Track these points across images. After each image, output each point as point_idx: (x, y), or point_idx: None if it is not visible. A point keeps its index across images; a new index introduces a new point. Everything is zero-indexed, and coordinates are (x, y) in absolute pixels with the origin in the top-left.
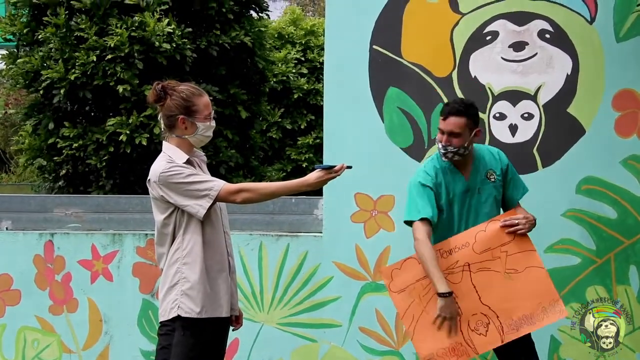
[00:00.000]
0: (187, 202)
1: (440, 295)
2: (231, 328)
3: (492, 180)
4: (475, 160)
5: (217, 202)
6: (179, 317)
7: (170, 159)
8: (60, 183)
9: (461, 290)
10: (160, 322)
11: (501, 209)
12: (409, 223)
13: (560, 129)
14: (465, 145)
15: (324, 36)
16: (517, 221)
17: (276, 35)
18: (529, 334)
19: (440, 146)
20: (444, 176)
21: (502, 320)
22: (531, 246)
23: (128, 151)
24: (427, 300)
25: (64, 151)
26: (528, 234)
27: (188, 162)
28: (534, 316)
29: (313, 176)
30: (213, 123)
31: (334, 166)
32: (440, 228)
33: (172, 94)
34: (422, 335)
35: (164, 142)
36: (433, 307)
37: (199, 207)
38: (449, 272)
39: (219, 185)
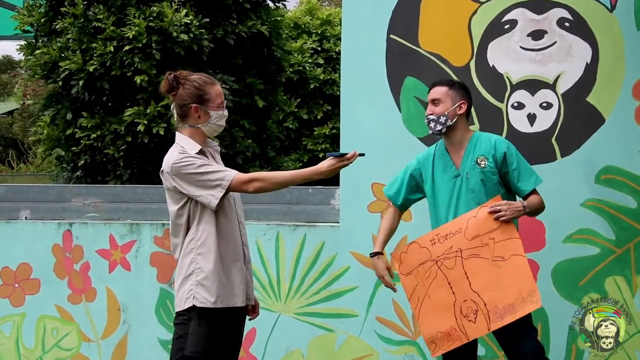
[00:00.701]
0: (200, 193)
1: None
2: (247, 317)
3: (482, 166)
4: (469, 145)
5: (231, 192)
6: (194, 307)
7: (182, 149)
8: (78, 173)
9: (455, 276)
10: (176, 312)
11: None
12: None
13: (580, 118)
14: (447, 114)
15: (340, 26)
16: (499, 207)
17: (292, 25)
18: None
19: (425, 119)
20: (436, 161)
21: (489, 308)
22: (515, 234)
23: (146, 141)
24: (429, 283)
25: (82, 141)
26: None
27: (201, 152)
28: (515, 306)
29: (325, 164)
30: (226, 112)
31: (346, 154)
32: (432, 213)
33: (185, 83)
34: (425, 318)
35: (176, 132)
36: (433, 291)
37: (212, 197)
38: (444, 257)
39: (231, 174)
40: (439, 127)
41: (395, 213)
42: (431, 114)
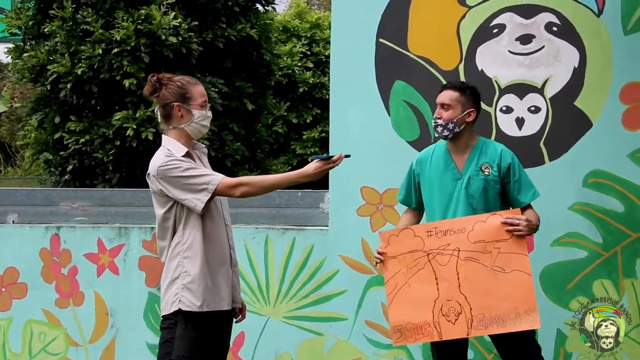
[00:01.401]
0: (186, 196)
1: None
2: (234, 320)
3: (486, 173)
4: (474, 150)
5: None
6: (180, 310)
7: (169, 152)
8: (66, 177)
9: (444, 274)
10: (162, 316)
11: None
12: None
13: (567, 122)
14: (455, 121)
15: (329, 29)
16: (518, 221)
17: (281, 29)
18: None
19: (433, 121)
20: (434, 160)
21: (474, 314)
22: (525, 251)
23: (134, 145)
24: (413, 273)
25: (70, 145)
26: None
27: (187, 155)
28: (506, 319)
29: (312, 167)
30: (209, 113)
31: (332, 156)
32: (427, 211)
33: (168, 84)
34: (398, 305)
35: (163, 135)
36: (416, 281)
37: (197, 201)
38: (438, 252)
39: (217, 179)
40: (445, 133)
41: (412, 213)
42: (439, 118)
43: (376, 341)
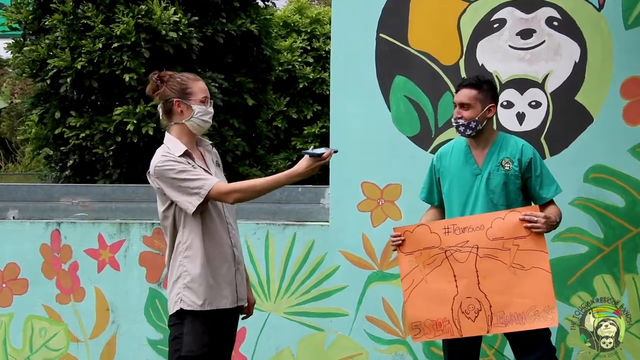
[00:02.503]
0: (178, 198)
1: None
2: (240, 317)
3: (507, 168)
4: (494, 145)
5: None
6: (183, 309)
7: (167, 150)
8: (67, 172)
9: (463, 271)
10: (169, 315)
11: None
12: None
13: (568, 117)
14: (477, 119)
15: (329, 24)
16: (536, 218)
17: (281, 24)
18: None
19: (452, 120)
20: (454, 156)
21: (493, 311)
22: (544, 248)
23: (135, 140)
24: (430, 269)
25: (70, 141)
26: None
27: (186, 153)
28: (525, 317)
29: (302, 165)
30: (211, 109)
31: (322, 153)
32: (447, 207)
33: (169, 80)
34: (415, 301)
35: (165, 133)
36: (433, 278)
37: (189, 204)
38: (456, 249)
39: (210, 184)
40: (469, 132)
41: (435, 210)
42: (460, 118)
43: (377, 337)
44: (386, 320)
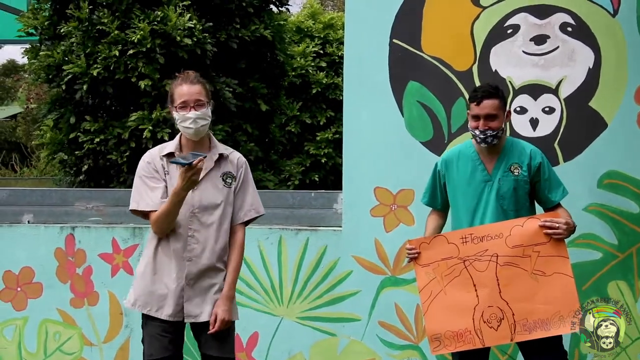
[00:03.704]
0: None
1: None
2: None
3: (516, 174)
4: (504, 151)
5: (201, 202)
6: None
7: (153, 149)
8: (81, 177)
9: (483, 280)
10: None
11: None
12: None
13: (582, 123)
14: (503, 127)
15: (342, 30)
16: (557, 225)
17: (295, 29)
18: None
19: (477, 133)
20: (465, 162)
21: (516, 319)
22: (565, 253)
23: (150, 146)
24: (448, 280)
25: (85, 145)
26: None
27: (170, 155)
28: (550, 322)
29: (179, 182)
30: (190, 114)
31: (192, 162)
32: (453, 214)
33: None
34: (434, 313)
35: None
36: (452, 288)
37: (130, 204)
38: (476, 258)
39: (145, 207)
40: (495, 141)
41: (438, 214)
42: (488, 129)
43: (389, 342)
44: (399, 325)
